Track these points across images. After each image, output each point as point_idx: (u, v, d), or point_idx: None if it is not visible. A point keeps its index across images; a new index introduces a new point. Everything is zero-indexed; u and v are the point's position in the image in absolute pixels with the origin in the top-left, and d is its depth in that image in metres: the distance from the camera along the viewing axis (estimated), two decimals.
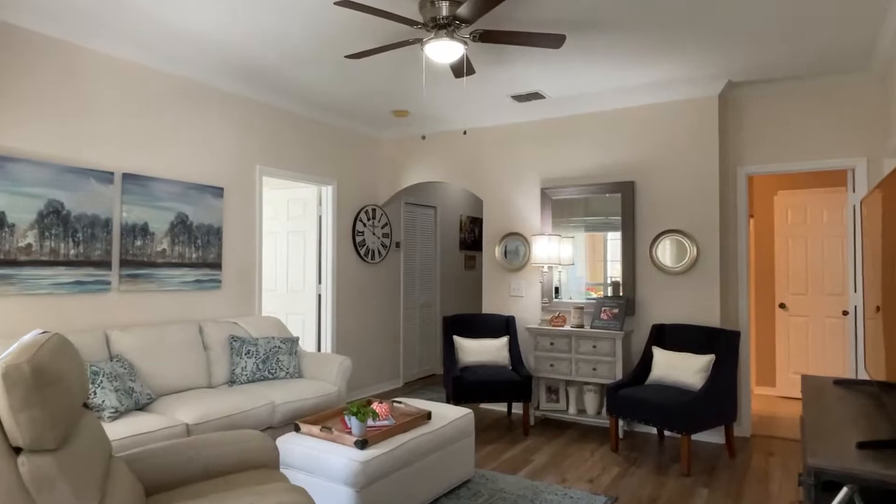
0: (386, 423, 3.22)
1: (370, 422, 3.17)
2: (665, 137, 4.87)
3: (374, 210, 6.16)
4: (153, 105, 4.15)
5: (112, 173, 3.87)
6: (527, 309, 5.44)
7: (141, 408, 3.43)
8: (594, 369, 4.74)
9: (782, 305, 6.23)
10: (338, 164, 5.76)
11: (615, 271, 5.09)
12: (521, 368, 4.90)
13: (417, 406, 3.65)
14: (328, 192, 5.68)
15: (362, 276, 6.04)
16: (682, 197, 4.79)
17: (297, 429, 3.16)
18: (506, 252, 5.56)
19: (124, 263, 3.93)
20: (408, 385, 6.62)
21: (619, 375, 4.65)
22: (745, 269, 4.75)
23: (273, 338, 4.34)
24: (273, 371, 4.21)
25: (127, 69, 3.99)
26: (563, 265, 5.24)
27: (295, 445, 3.00)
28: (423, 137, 4.38)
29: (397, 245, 6.51)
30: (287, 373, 4.27)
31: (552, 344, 4.92)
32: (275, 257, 5.92)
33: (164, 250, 4.17)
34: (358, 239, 5.94)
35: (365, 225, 6.04)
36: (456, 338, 5.10)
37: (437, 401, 5.81)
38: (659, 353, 4.43)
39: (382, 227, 6.27)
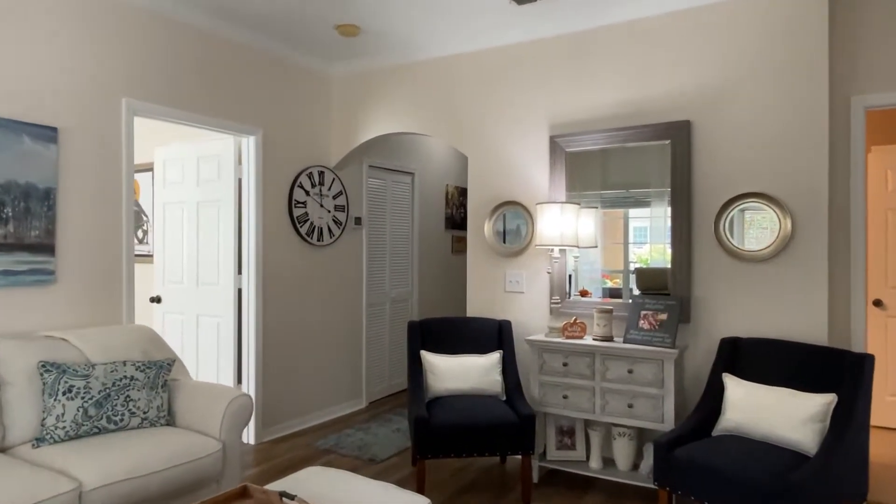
0: None
1: None
2: (741, 53, 3.19)
3: (321, 173, 4.52)
4: None
5: None
6: (529, 311, 3.82)
7: None
8: (630, 406, 3.12)
9: (878, 303, 4.57)
10: (264, 105, 4.11)
11: (636, 257, 3.46)
12: (520, 401, 3.29)
13: None
14: (250, 145, 4.04)
15: (305, 262, 4.42)
16: (768, 143, 3.13)
17: None
18: (504, 230, 3.92)
19: None
20: (373, 406, 5.03)
21: (668, 417, 3.03)
22: (863, 254, 3.10)
23: (124, 363, 2.73)
24: (117, 418, 2.61)
25: None
26: (583, 247, 3.59)
27: None
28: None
29: (357, 222, 4.88)
30: (144, 419, 2.68)
31: (566, 365, 3.30)
32: (182, 237, 4.31)
33: None
34: (297, 212, 4.31)
35: (308, 193, 4.41)
36: (425, 354, 3.49)
37: (405, 433, 4.21)
38: (736, 387, 2.80)
39: (335, 198, 4.64)
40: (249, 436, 4.04)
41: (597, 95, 3.60)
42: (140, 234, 4.90)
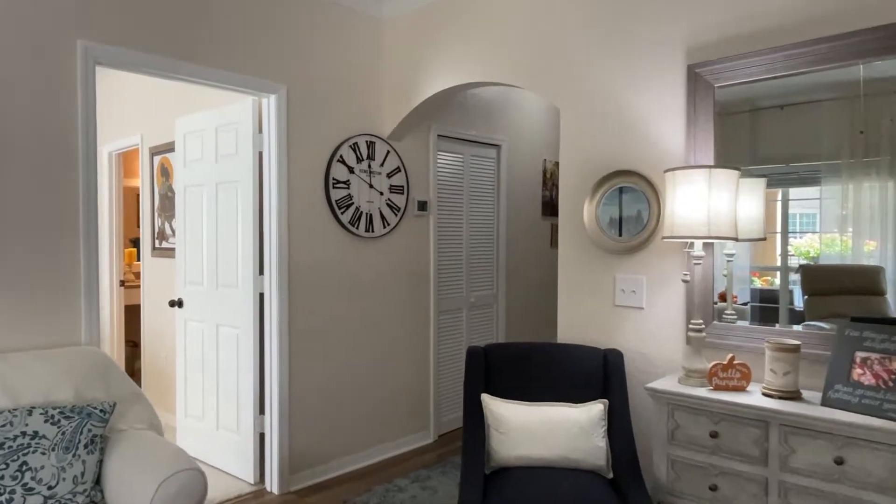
0: None
1: None
2: None
3: (370, 144, 3.49)
4: None
5: None
6: (651, 337, 2.52)
7: None
8: None
9: None
10: (289, 54, 3.15)
11: (793, 249, 2.07)
12: (637, 488, 2.05)
13: None
14: (270, 106, 3.10)
15: (348, 259, 3.43)
16: None
17: None
18: (620, 217, 2.65)
19: None
20: (444, 441, 3.96)
21: None
22: None
23: (30, 411, 1.87)
24: (3, 497, 1.75)
25: None
26: (745, 240, 2.26)
27: None
28: None
29: (422, 207, 3.81)
30: (50, 497, 1.80)
31: (716, 436, 2.00)
32: (201, 227, 3.49)
33: None
34: (337, 195, 3.33)
35: (352, 170, 3.41)
36: (490, 401, 2.34)
37: None
38: None
39: (389, 176, 3.60)
40: (273, 484, 3.13)
41: None
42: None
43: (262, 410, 3.21)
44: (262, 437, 3.22)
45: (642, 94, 2.54)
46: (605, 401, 2.29)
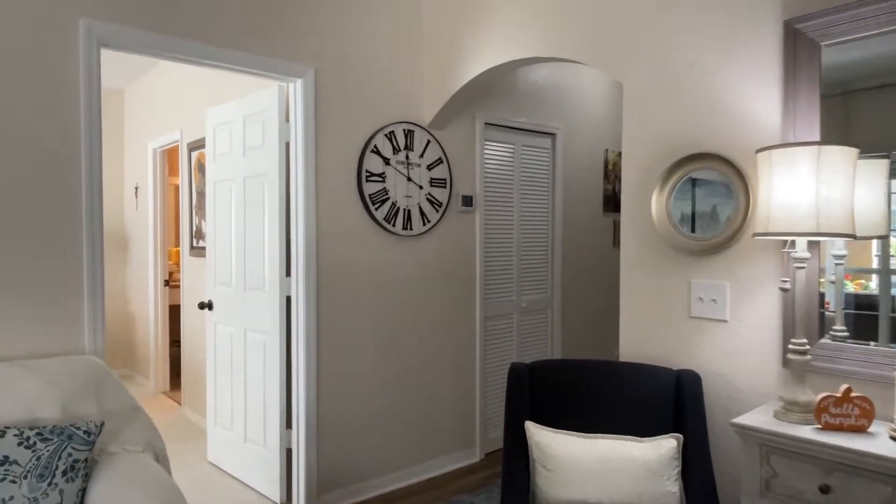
0: None
1: None
2: None
3: (408, 133, 3.17)
4: None
5: None
6: (737, 356, 2.06)
7: None
8: None
9: None
10: (317, 33, 2.86)
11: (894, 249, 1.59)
12: None
13: None
14: (296, 92, 2.83)
15: (384, 259, 3.12)
16: None
17: None
18: (695, 208, 2.21)
19: None
20: (491, 460, 3.59)
21: None
22: None
23: (3, 431, 1.65)
24: None
25: None
26: (864, 238, 1.79)
27: None
28: None
29: (467, 202, 3.46)
30: None
31: (826, 491, 1.54)
32: (230, 225, 3.27)
33: None
34: (371, 189, 3.02)
35: (388, 162, 3.09)
36: (535, 430, 1.96)
37: None
38: None
39: (430, 168, 3.27)
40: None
41: None
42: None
43: (289, 424, 2.96)
44: (289, 452, 2.96)
45: (724, 59, 2.09)
46: (679, 435, 1.87)
